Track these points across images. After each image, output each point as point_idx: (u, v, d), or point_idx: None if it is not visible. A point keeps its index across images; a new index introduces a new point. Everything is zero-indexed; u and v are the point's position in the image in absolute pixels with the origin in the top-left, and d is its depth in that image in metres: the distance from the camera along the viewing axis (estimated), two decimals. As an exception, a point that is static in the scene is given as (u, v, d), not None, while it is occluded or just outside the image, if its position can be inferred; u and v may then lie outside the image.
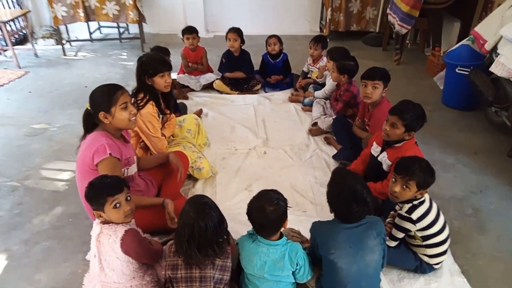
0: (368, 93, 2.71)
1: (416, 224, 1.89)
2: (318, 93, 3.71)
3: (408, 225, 1.91)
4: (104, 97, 1.95)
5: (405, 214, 1.90)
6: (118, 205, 1.65)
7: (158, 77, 2.54)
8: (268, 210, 1.59)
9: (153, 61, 2.55)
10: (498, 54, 2.92)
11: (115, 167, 1.95)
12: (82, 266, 2.05)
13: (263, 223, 1.62)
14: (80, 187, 2.04)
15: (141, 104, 2.49)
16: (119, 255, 1.67)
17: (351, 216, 1.69)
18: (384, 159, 2.34)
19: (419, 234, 1.93)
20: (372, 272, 1.75)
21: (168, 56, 3.42)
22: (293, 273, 1.71)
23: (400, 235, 1.96)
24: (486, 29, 3.21)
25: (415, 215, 1.88)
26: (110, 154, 1.90)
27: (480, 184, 2.79)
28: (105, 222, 1.70)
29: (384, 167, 2.35)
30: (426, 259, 2.00)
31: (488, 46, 3.11)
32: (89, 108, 2.00)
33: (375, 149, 2.47)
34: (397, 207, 2.01)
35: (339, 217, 1.74)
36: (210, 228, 1.53)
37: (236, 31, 3.97)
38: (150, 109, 2.50)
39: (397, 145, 2.28)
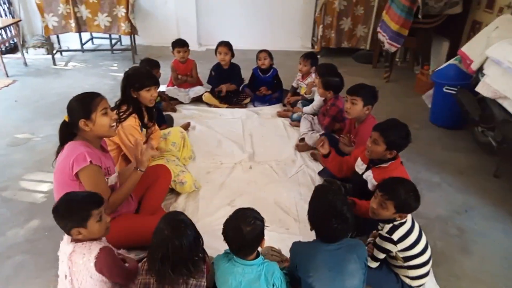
0: (347, 108, 2.75)
1: (397, 245, 1.85)
2: (307, 109, 3.70)
3: (389, 246, 1.87)
4: (84, 104, 1.92)
5: (386, 235, 1.86)
6: (101, 218, 1.61)
7: (144, 91, 2.52)
8: (245, 230, 1.54)
9: (140, 75, 2.54)
10: (484, 74, 2.93)
11: (99, 175, 1.92)
12: (54, 283, 1.97)
13: (239, 243, 1.58)
14: (57, 199, 1.98)
15: (123, 116, 2.46)
16: (93, 274, 1.61)
17: (331, 233, 1.66)
18: (370, 178, 2.32)
19: (401, 255, 1.89)
20: None
21: (158, 69, 3.40)
22: (270, 293, 1.66)
23: (381, 255, 1.92)
24: (473, 49, 3.24)
25: (395, 236, 1.84)
26: (90, 161, 1.85)
27: (465, 204, 2.77)
28: (77, 240, 1.63)
29: (369, 186, 2.32)
30: (408, 281, 1.95)
31: (474, 66, 3.13)
32: (66, 119, 1.96)
33: (359, 166, 2.45)
34: (379, 227, 1.98)
35: (320, 235, 1.71)
36: (185, 247, 1.48)
37: (226, 45, 3.98)
38: (132, 121, 2.47)
39: (384, 165, 2.25)
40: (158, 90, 2.56)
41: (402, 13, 4.44)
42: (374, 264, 1.94)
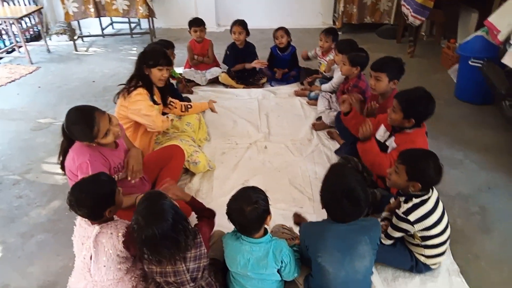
0: (371, 84, 2.65)
1: (414, 225, 1.78)
2: (325, 86, 3.61)
3: (405, 226, 1.81)
4: (85, 133, 1.88)
5: (402, 215, 1.79)
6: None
7: (156, 69, 2.53)
8: (247, 211, 1.53)
9: (156, 53, 2.56)
10: (511, 45, 2.76)
11: None
12: (74, 260, 2.05)
13: (243, 223, 1.57)
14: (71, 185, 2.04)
15: (132, 88, 2.48)
16: (119, 251, 1.65)
17: (341, 214, 1.60)
18: (391, 142, 2.27)
19: (419, 234, 1.83)
20: (361, 278, 1.67)
21: (172, 49, 3.39)
22: (279, 270, 1.66)
23: (397, 234, 1.86)
24: (500, 19, 3.05)
25: (412, 217, 1.77)
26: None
27: (489, 182, 2.65)
28: (101, 221, 1.67)
29: (389, 150, 2.28)
30: (422, 259, 1.91)
31: (501, 37, 2.95)
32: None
33: (382, 134, 2.40)
34: (397, 205, 1.91)
35: (330, 214, 1.66)
36: (158, 236, 1.42)
37: (241, 24, 3.93)
38: (139, 90, 2.48)
39: (407, 131, 2.20)
40: (178, 72, 2.56)
41: (427, -17, 4.22)
42: (388, 242, 1.90)
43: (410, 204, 1.79)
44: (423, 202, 1.79)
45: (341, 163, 2.58)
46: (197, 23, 4.01)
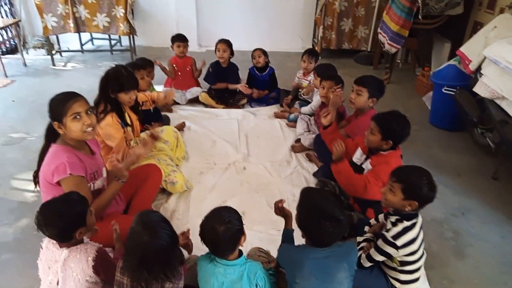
0: (351, 98, 2.74)
1: (399, 250, 1.75)
2: (305, 109, 3.66)
3: (390, 250, 1.77)
4: (58, 106, 1.84)
5: (390, 240, 1.74)
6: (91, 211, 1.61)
7: (122, 94, 2.45)
8: (219, 230, 1.50)
9: (120, 77, 2.44)
10: (482, 74, 2.88)
11: (80, 184, 1.86)
12: (39, 282, 1.94)
13: (215, 243, 1.54)
14: (44, 200, 1.96)
15: (101, 116, 2.40)
16: (89, 276, 1.58)
17: (324, 237, 1.57)
18: (368, 165, 2.30)
19: (399, 258, 1.81)
20: None
21: (152, 69, 3.38)
22: (253, 294, 1.62)
23: (380, 258, 1.82)
24: (471, 49, 3.19)
25: (400, 242, 1.73)
26: (70, 174, 1.82)
27: (462, 206, 2.71)
28: (69, 245, 1.60)
29: (365, 172, 2.31)
30: (398, 285, 1.89)
31: (472, 66, 3.08)
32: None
33: (358, 157, 2.43)
34: (384, 228, 1.88)
35: (312, 240, 1.62)
36: (162, 250, 1.41)
37: (225, 42, 3.98)
38: (109, 120, 2.41)
39: (382, 152, 2.24)
40: (158, 90, 2.51)
41: (402, 13, 4.39)
42: (367, 264, 1.86)
43: (400, 228, 1.75)
44: (413, 226, 1.76)
45: (314, 187, 2.61)
46: (180, 39, 4.05)
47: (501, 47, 2.72)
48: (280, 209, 1.98)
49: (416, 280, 1.89)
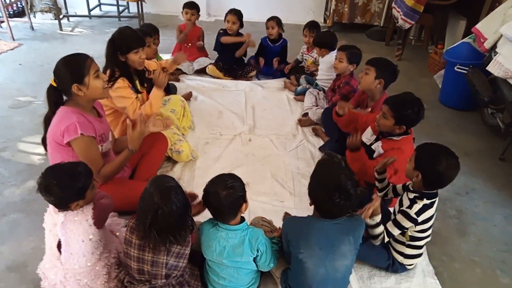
0: (359, 77, 2.69)
1: (416, 226, 1.77)
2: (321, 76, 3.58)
3: (409, 225, 1.78)
4: (75, 68, 1.83)
5: (414, 216, 1.75)
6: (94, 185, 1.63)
7: (132, 54, 2.37)
8: (221, 195, 1.52)
9: (127, 37, 2.37)
10: (497, 53, 2.81)
11: (91, 145, 1.89)
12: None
13: (218, 207, 1.56)
14: (52, 162, 1.97)
15: (111, 81, 2.34)
16: (92, 234, 1.61)
17: (332, 209, 1.58)
18: (378, 147, 2.26)
19: (410, 233, 1.82)
20: (340, 276, 1.66)
21: (157, 35, 3.32)
22: (255, 259, 1.65)
23: (397, 232, 1.83)
24: (488, 27, 3.09)
25: (421, 218, 1.75)
26: (81, 134, 1.82)
27: (467, 186, 2.70)
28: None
29: (375, 155, 2.28)
30: (400, 258, 1.91)
31: (487, 45, 2.99)
32: (53, 84, 1.88)
33: (368, 136, 2.38)
34: (398, 205, 1.89)
35: (320, 210, 1.63)
36: (174, 214, 1.44)
37: (236, 14, 3.87)
38: (120, 83, 2.37)
39: (395, 138, 2.19)
40: (165, 59, 2.46)
41: (418, -13, 4.25)
42: (386, 239, 1.86)
43: (421, 204, 1.75)
44: (432, 205, 1.77)
45: (328, 158, 2.58)
46: (189, 5, 3.96)
47: (519, 25, 2.64)
48: None
49: (420, 255, 1.92)
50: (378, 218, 1.83)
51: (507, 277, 2.03)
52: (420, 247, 1.89)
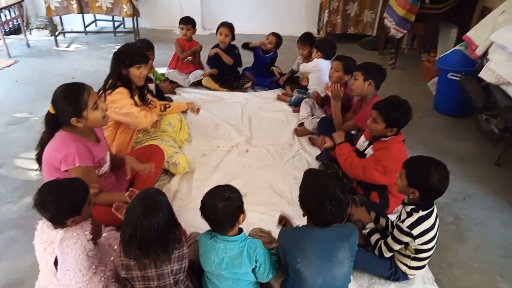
0: (351, 84, 2.80)
1: (415, 240, 1.77)
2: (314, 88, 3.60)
3: (407, 239, 1.78)
4: (72, 102, 1.82)
5: (406, 230, 1.75)
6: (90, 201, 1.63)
7: (134, 68, 2.46)
8: (219, 206, 1.52)
9: (131, 52, 2.50)
10: (489, 59, 2.85)
11: (88, 174, 1.87)
12: (42, 260, 1.99)
13: (215, 219, 1.56)
14: (47, 180, 1.97)
15: (111, 90, 2.42)
16: (90, 249, 1.60)
17: (326, 216, 1.58)
18: (369, 151, 2.32)
19: (414, 247, 1.81)
20: (339, 285, 1.66)
21: (152, 51, 3.36)
22: (253, 271, 1.64)
23: (397, 247, 1.83)
24: (478, 34, 3.15)
25: (416, 231, 1.75)
26: (79, 165, 1.82)
27: (463, 191, 2.71)
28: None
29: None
30: (404, 268, 1.91)
31: (479, 52, 3.04)
32: (51, 111, 1.86)
33: (361, 143, 2.43)
34: (396, 218, 1.90)
35: (313, 219, 1.64)
36: (153, 229, 1.39)
37: (228, 27, 3.92)
38: (120, 90, 2.43)
39: (384, 139, 2.23)
40: (161, 72, 2.50)
41: (409, -3, 4.32)
42: (388, 254, 1.88)
43: (415, 217, 1.76)
44: (428, 216, 1.77)
45: (314, 168, 2.62)
46: (184, 21, 4.01)
47: (509, 32, 2.69)
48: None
49: (424, 266, 1.92)
50: (370, 225, 1.85)
51: (506, 283, 2.03)
52: (425, 259, 1.88)
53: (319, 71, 3.55)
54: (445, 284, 1.99)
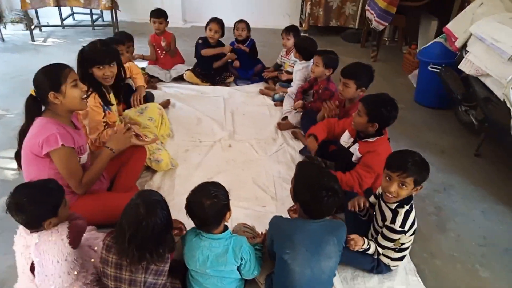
0: (340, 90, 2.72)
1: (407, 234, 1.80)
2: (291, 89, 3.60)
3: (400, 236, 1.80)
4: (53, 75, 1.82)
5: (400, 229, 1.77)
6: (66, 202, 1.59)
7: (95, 69, 2.32)
8: (205, 204, 1.50)
9: (94, 51, 2.32)
10: (468, 51, 2.88)
11: (71, 156, 1.87)
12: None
13: (201, 217, 1.54)
14: (26, 176, 1.92)
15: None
16: (68, 254, 1.56)
17: (322, 207, 1.59)
18: (355, 150, 2.29)
19: (401, 241, 1.84)
20: (326, 278, 1.67)
21: (131, 43, 3.28)
22: (239, 268, 1.63)
23: (389, 244, 1.85)
24: (458, 26, 3.18)
25: (407, 226, 1.78)
26: (62, 144, 1.79)
27: (444, 182, 2.76)
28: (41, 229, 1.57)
29: (354, 158, 2.30)
30: (387, 261, 1.93)
31: (458, 44, 3.07)
32: (33, 93, 1.86)
33: (346, 140, 2.42)
34: (381, 219, 1.89)
35: (308, 212, 1.64)
36: (155, 230, 1.40)
37: (219, 23, 3.85)
38: (91, 102, 2.32)
39: (370, 140, 2.22)
40: (141, 67, 2.39)
41: (390, -10, 4.33)
42: (381, 251, 1.89)
43: (402, 214, 1.77)
44: (411, 208, 1.79)
45: (307, 161, 2.59)
46: (154, 14, 3.88)
47: (487, 24, 2.72)
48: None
49: (405, 256, 1.95)
50: (365, 245, 1.86)
51: (486, 271, 2.08)
52: (406, 249, 1.91)
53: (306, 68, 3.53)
54: (427, 274, 2.02)
